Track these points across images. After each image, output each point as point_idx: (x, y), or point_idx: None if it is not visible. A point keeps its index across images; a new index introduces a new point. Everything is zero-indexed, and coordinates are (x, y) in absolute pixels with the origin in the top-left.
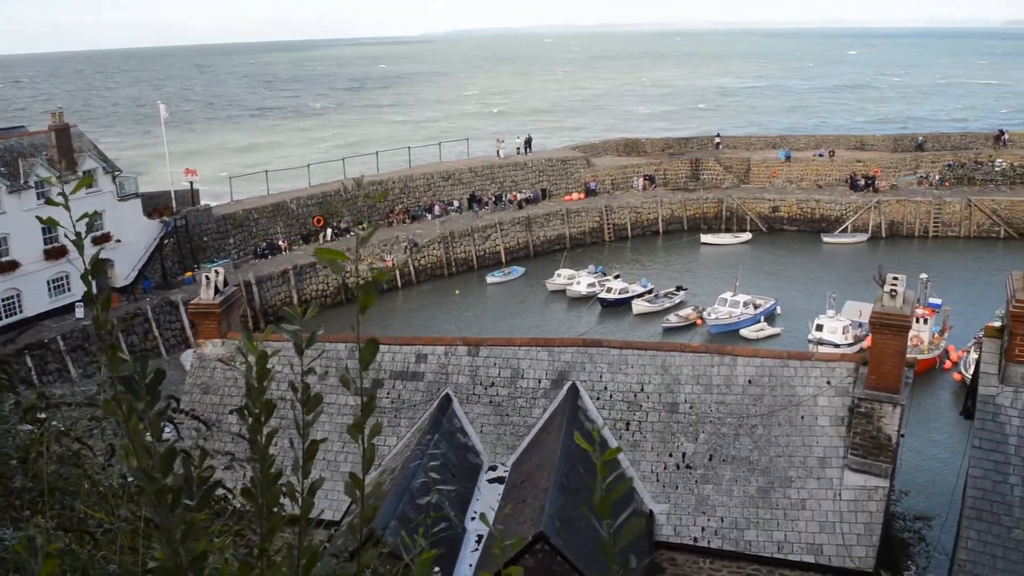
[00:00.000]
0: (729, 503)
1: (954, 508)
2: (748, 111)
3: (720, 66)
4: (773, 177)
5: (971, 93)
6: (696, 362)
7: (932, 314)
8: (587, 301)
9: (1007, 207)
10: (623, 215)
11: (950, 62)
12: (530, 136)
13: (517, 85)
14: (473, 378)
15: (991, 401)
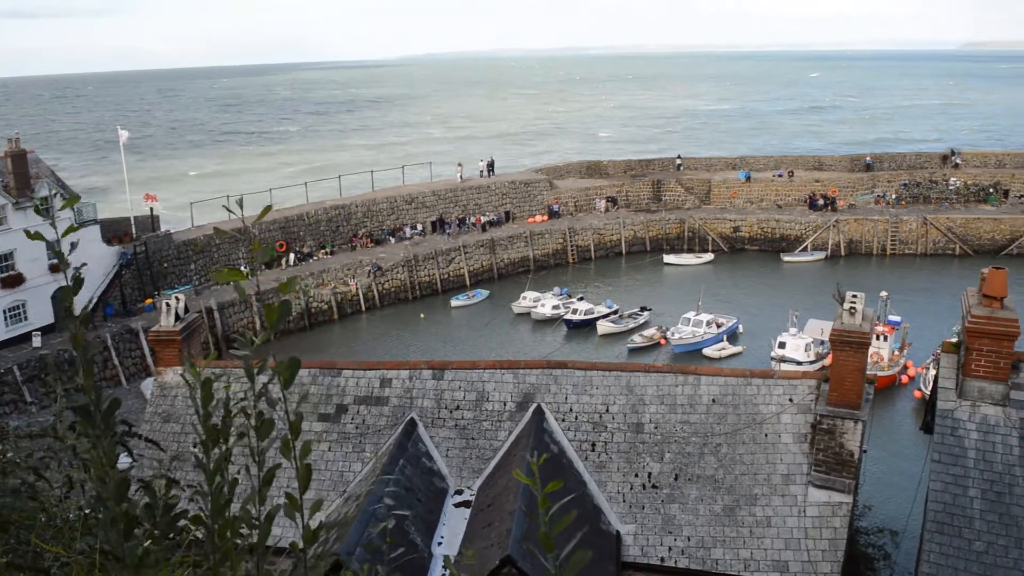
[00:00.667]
0: (695, 522)
1: (916, 522)
2: (712, 133)
3: (684, 89)
4: (734, 197)
5: (931, 114)
6: (660, 382)
7: (892, 331)
8: (553, 323)
9: (962, 224)
10: (586, 237)
11: (910, 84)
12: (493, 159)
13: (484, 108)
14: (438, 402)
15: (950, 415)
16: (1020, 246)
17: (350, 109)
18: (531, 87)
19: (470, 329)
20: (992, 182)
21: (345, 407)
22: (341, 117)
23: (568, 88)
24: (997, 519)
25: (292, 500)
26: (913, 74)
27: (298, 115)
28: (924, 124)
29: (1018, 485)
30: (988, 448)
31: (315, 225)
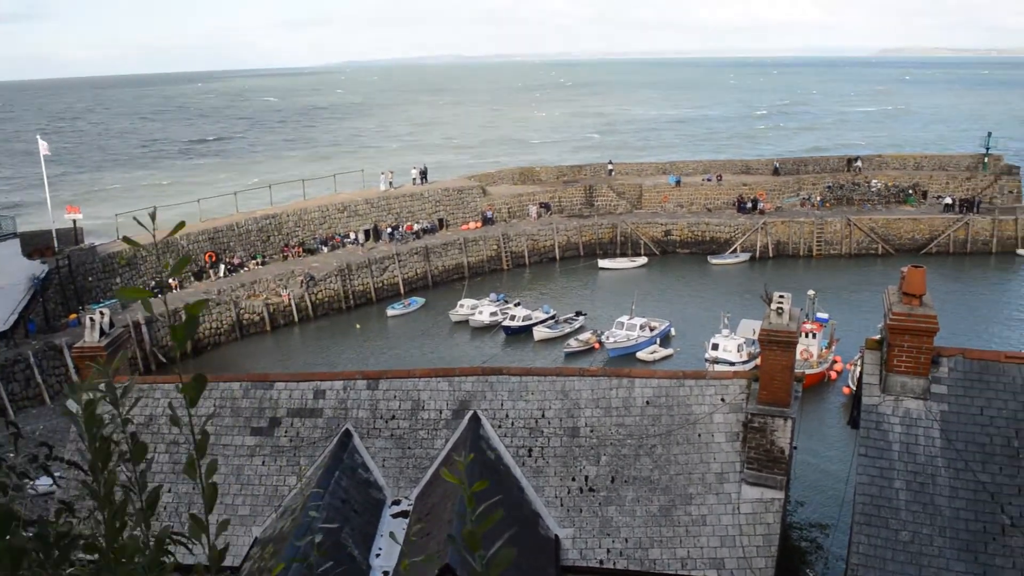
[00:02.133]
0: (633, 523)
1: (845, 515)
2: (641, 138)
3: (610, 96)
4: (664, 202)
5: (878, 119)
6: (595, 386)
7: (820, 328)
8: (491, 330)
9: (883, 225)
10: (520, 243)
11: (850, 89)
12: (426, 167)
13: (421, 117)
14: (373, 412)
15: (874, 410)
16: (939, 245)
17: (284, 119)
18: (472, 94)
19: (407, 338)
20: (911, 183)
21: (278, 420)
22: (281, 127)
23: (509, 96)
24: (921, 509)
25: (196, 521)
26: (846, 80)
27: (231, 123)
28: (878, 128)
29: (940, 475)
30: (911, 441)
31: (245, 235)
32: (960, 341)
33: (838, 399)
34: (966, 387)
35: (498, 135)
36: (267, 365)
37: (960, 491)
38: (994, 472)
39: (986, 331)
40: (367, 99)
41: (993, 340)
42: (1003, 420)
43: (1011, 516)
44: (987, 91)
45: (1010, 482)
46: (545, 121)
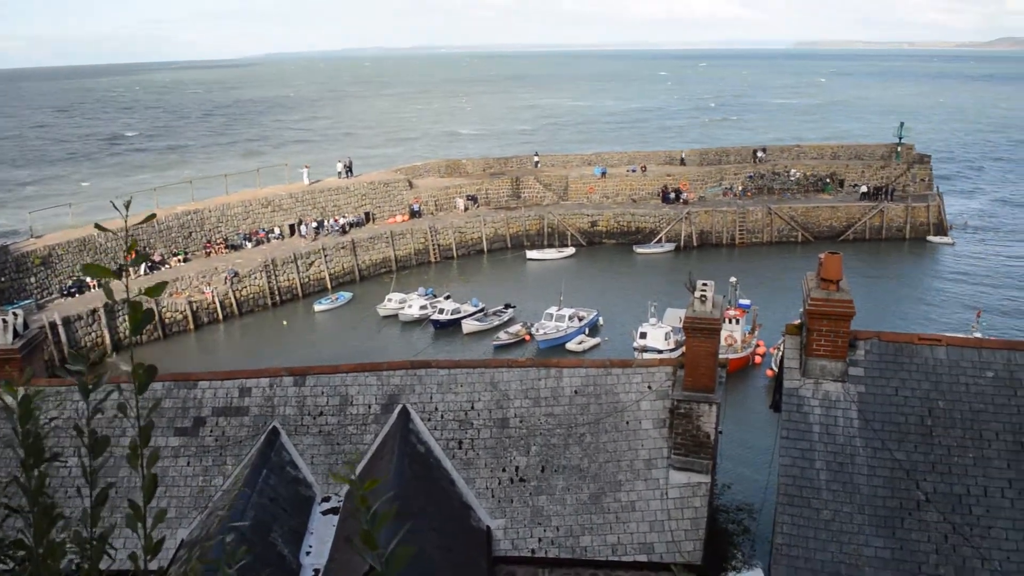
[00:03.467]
0: (563, 512)
1: (770, 496)
2: (568, 130)
3: (545, 88)
4: (590, 193)
5: (765, 110)
6: (524, 376)
7: (743, 314)
8: (420, 324)
9: (803, 213)
10: (448, 235)
11: (790, 81)
12: (351, 160)
13: (350, 110)
14: (301, 409)
15: (795, 394)
16: (855, 232)
17: (208, 113)
18: (400, 86)
19: (334, 333)
20: (828, 172)
21: (203, 419)
22: (204, 121)
23: (442, 87)
24: (841, 488)
25: (135, 509)
26: (775, 72)
27: (153, 118)
28: (822, 119)
29: (858, 455)
30: (831, 422)
31: (166, 232)
32: (876, 324)
33: (762, 383)
34: (882, 369)
35: (427, 128)
36: (191, 365)
37: (877, 469)
38: (909, 450)
39: (900, 314)
40: (296, 92)
41: (907, 323)
42: (917, 400)
43: (925, 492)
44: (902, 82)
45: (924, 459)
46: (476, 113)
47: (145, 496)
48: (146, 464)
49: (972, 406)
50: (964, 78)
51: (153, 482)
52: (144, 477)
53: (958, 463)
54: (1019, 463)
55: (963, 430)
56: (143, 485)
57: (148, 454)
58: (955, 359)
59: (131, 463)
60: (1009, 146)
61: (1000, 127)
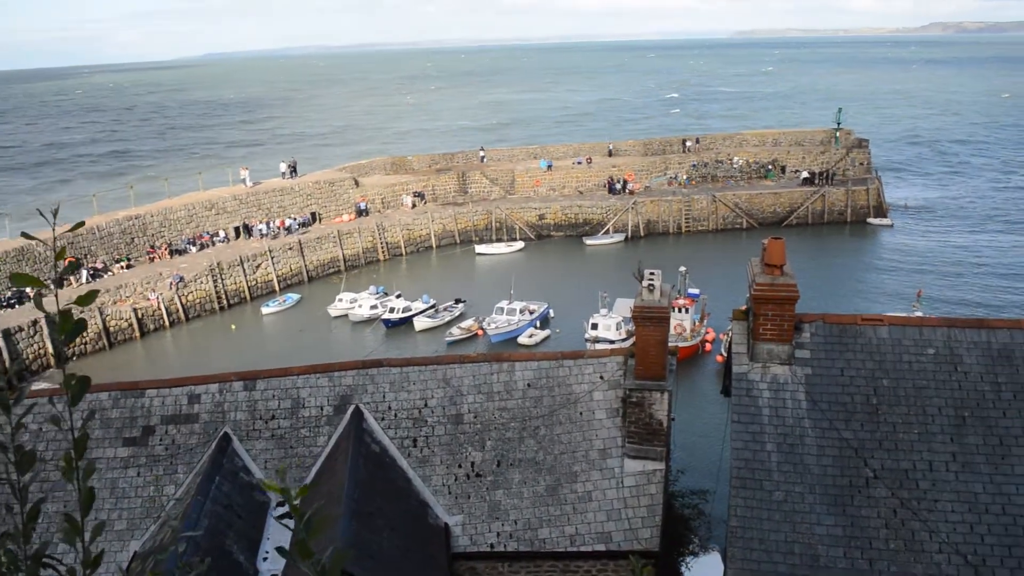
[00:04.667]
0: (521, 505)
1: (723, 480)
2: (515, 125)
3: (480, 83)
4: (537, 186)
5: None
6: (476, 372)
7: (692, 303)
8: (371, 323)
9: (747, 200)
10: (396, 233)
11: (743, 70)
12: (295, 160)
13: (296, 109)
14: (252, 413)
15: (744, 378)
16: (798, 216)
17: (147, 116)
18: (346, 84)
19: (284, 336)
20: (770, 159)
21: (152, 428)
22: (144, 124)
23: (382, 85)
24: (792, 469)
25: (72, 523)
26: (727, 61)
27: (91, 122)
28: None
29: (807, 436)
30: (780, 405)
31: (107, 238)
32: (820, 307)
33: (713, 369)
34: (827, 350)
35: (376, 125)
36: (138, 373)
37: (826, 449)
38: (856, 429)
39: (844, 296)
40: (240, 93)
41: (850, 304)
42: (862, 379)
43: (873, 469)
44: (850, 69)
45: (871, 437)
46: (422, 109)
47: (82, 510)
48: (82, 477)
49: (915, 383)
50: (904, 63)
51: (90, 495)
52: (80, 491)
53: (904, 439)
54: (962, 437)
55: (907, 407)
56: (79, 499)
57: (84, 466)
58: (897, 338)
59: (65, 477)
60: (947, 128)
61: (938, 111)
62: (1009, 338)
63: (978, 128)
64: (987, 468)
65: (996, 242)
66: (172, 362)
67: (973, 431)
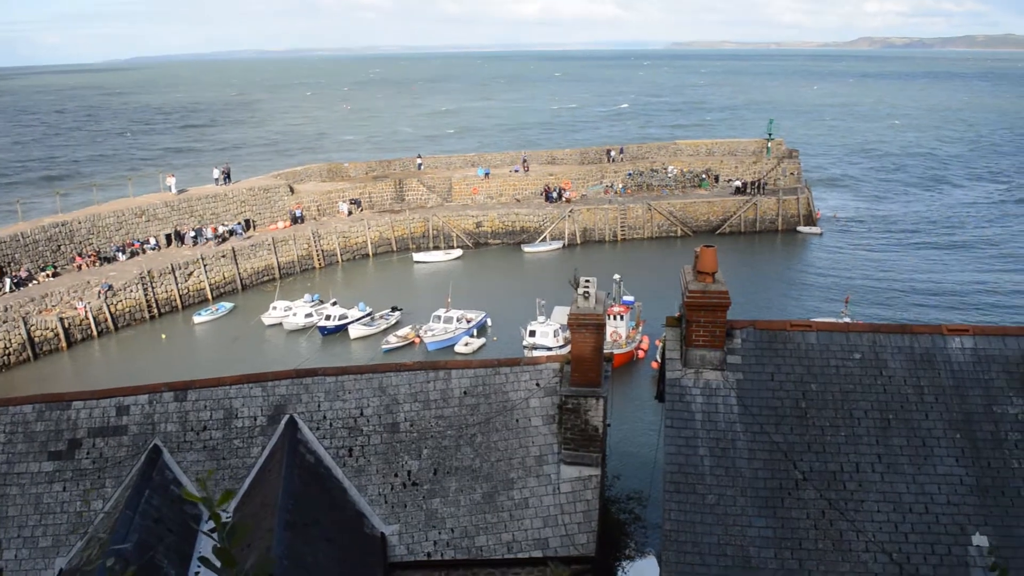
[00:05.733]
0: (457, 513)
1: (658, 484)
2: (456, 133)
3: (421, 90)
4: (474, 194)
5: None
6: (412, 380)
7: (627, 310)
8: (306, 331)
9: (681, 208)
10: (332, 241)
11: (694, 81)
12: (229, 166)
13: (231, 114)
14: (183, 425)
15: (677, 384)
16: (731, 225)
17: (79, 124)
18: (280, 90)
19: (217, 345)
20: (704, 168)
21: (79, 441)
22: (71, 130)
23: (326, 91)
24: (724, 472)
25: None
26: (681, 71)
27: (28, 124)
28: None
29: (739, 440)
30: (712, 410)
31: (32, 246)
32: (752, 313)
33: (648, 375)
34: (758, 356)
35: (314, 131)
36: (65, 385)
37: (757, 452)
38: (786, 432)
39: (774, 302)
40: (168, 97)
41: (781, 310)
42: (791, 384)
43: (802, 471)
44: (772, 80)
45: (800, 440)
46: (359, 116)
47: None
48: None
49: (842, 387)
50: (838, 76)
51: None
52: None
53: (831, 442)
54: (887, 439)
55: (835, 410)
56: None
57: None
58: (825, 343)
59: None
60: (877, 141)
61: (871, 124)
62: (931, 343)
63: (908, 141)
64: (911, 468)
65: (920, 252)
66: (100, 373)
67: (897, 433)
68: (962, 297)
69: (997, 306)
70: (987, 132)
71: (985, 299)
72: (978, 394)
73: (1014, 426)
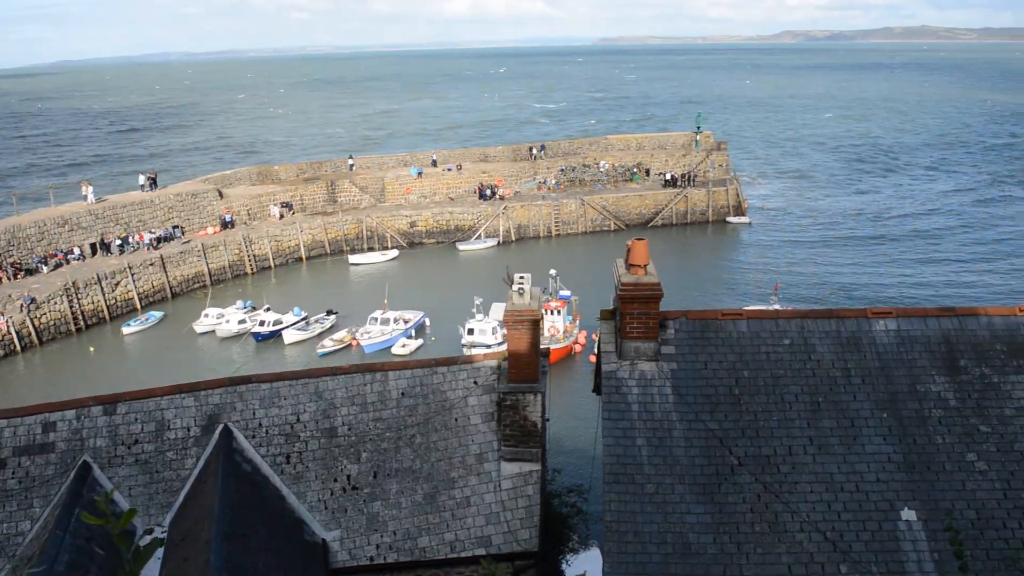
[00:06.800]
0: (399, 515)
1: (598, 476)
2: (387, 132)
3: (358, 90)
4: (408, 194)
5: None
6: (349, 383)
7: (564, 305)
8: (240, 338)
9: (613, 203)
10: (263, 245)
11: (635, 77)
12: (155, 173)
13: (158, 119)
14: (113, 439)
15: (613, 376)
16: (663, 217)
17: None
18: (211, 93)
19: (148, 356)
20: (635, 163)
21: (3, 461)
22: None
23: (259, 92)
24: (662, 461)
25: None
26: (622, 66)
27: None
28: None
29: (675, 428)
30: (648, 400)
31: None
32: (685, 304)
33: (586, 369)
34: (691, 345)
35: (244, 135)
36: None
37: (693, 440)
38: (720, 419)
39: (706, 292)
40: (93, 102)
41: (713, 299)
42: (724, 372)
43: (738, 456)
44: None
45: (734, 426)
46: (291, 118)
47: None
48: None
49: (773, 373)
50: (767, 69)
51: None
52: None
53: (764, 427)
54: (817, 422)
55: (767, 396)
56: None
57: None
58: (755, 331)
59: None
60: (806, 132)
61: (799, 116)
62: (856, 326)
63: (836, 132)
64: (841, 449)
65: (846, 239)
66: (25, 389)
67: (827, 415)
68: (886, 281)
69: (921, 285)
70: (911, 122)
71: (908, 282)
72: (902, 374)
73: (937, 403)
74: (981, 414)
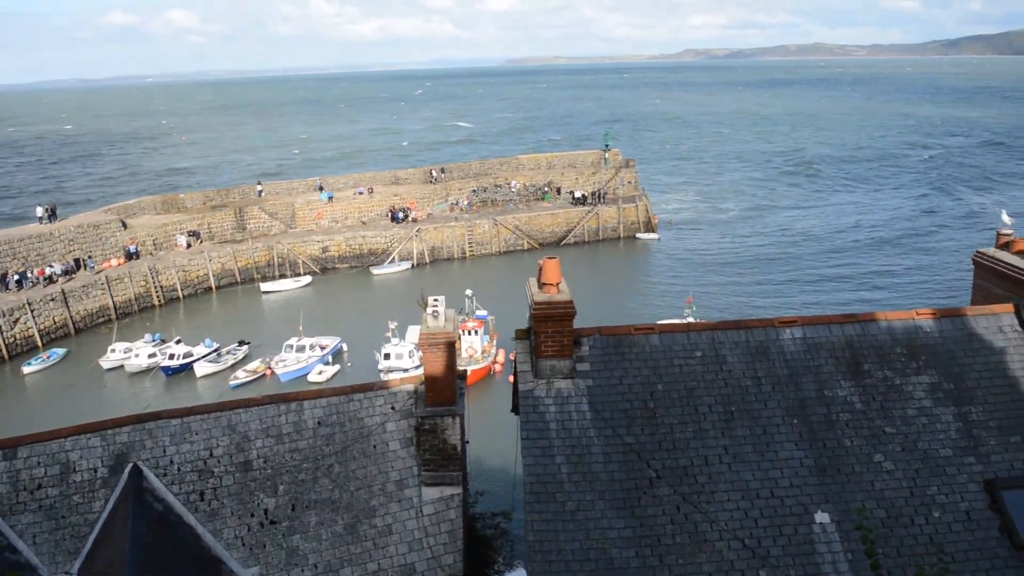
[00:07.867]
0: (320, 548)
1: (520, 496)
2: (299, 157)
3: (261, 116)
4: (319, 219)
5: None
6: (263, 415)
7: (481, 325)
8: (149, 372)
9: (526, 222)
10: (171, 275)
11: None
12: (55, 203)
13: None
14: (14, 485)
15: (530, 395)
16: (575, 235)
17: None
18: (105, 120)
19: (50, 395)
20: (546, 182)
21: None
22: None
23: (155, 119)
24: (581, 478)
25: None
26: (535, 86)
27: None
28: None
29: (594, 445)
30: (565, 418)
31: None
32: (598, 320)
33: (506, 389)
34: (605, 361)
35: (147, 163)
36: None
37: (612, 455)
38: (637, 433)
39: (620, 307)
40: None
41: (627, 315)
42: (639, 386)
43: (656, 469)
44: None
45: (651, 439)
46: (192, 146)
47: None
48: None
49: (687, 385)
50: (679, 86)
51: None
52: None
53: (680, 438)
54: (731, 430)
55: (681, 408)
56: None
57: None
58: (668, 344)
59: None
60: (711, 145)
61: (703, 131)
62: (764, 336)
63: (740, 146)
64: (755, 456)
65: (751, 249)
66: None
67: (740, 424)
68: (792, 290)
69: (826, 291)
70: (825, 135)
71: (812, 290)
72: (810, 380)
73: (844, 407)
74: (885, 416)
